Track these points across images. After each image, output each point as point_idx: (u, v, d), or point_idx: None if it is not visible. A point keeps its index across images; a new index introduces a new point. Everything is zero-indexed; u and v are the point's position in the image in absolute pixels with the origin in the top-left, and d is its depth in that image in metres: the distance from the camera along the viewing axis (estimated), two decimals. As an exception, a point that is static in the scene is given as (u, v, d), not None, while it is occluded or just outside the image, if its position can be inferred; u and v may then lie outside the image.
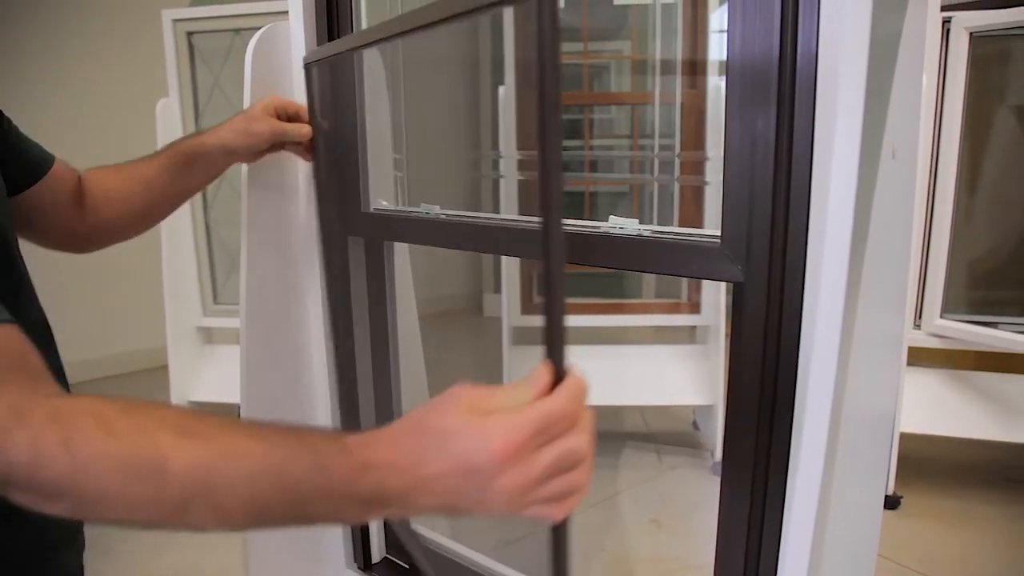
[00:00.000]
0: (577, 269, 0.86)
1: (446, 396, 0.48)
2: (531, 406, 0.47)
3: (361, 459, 0.47)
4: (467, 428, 0.46)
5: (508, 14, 2.55)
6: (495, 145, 2.79)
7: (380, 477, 0.46)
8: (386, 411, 1.18)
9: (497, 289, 3.55)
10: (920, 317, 2.40)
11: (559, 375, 0.49)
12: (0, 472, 0.44)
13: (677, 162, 2.62)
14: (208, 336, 2.96)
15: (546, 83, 0.42)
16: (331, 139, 1.09)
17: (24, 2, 3.32)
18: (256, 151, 0.99)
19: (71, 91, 3.43)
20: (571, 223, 0.88)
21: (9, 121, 0.79)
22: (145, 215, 0.96)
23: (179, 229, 2.81)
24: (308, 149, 1.03)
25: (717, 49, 2.57)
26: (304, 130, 1.00)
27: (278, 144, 1.00)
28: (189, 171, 0.96)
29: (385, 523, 1.22)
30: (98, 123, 3.41)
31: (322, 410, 1.16)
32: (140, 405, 0.47)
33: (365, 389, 1.18)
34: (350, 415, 1.16)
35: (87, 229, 0.91)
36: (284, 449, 0.47)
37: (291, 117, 1.01)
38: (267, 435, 0.48)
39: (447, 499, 0.46)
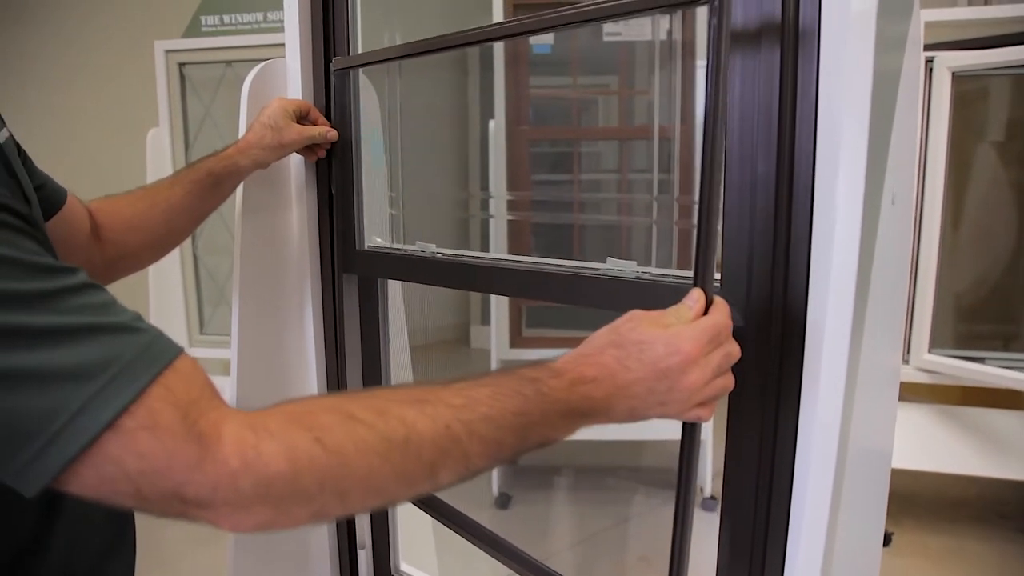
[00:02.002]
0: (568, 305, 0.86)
1: (628, 317, 0.58)
2: (705, 319, 0.57)
3: (570, 377, 0.54)
4: (659, 338, 0.55)
5: (499, 46, 2.58)
6: (484, 185, 2.80)
7: (588, 390, 0.54)
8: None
9: (484, 321, 3.54)
10: (908, 352, 2.41)
11: (708, 298, 0.60)
12: (258, 491, 0.45)
13: (676, 206, 2.63)
14: (194, 367, 2.92)
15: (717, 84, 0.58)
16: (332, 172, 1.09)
17: (16, 30, 3.32)
18: (276, 156, 0.99)
19: (62, 119, 3.42)
20: (568, 265, 0.87)
21: (24, 153, 0.78)
22: (168, 239, 0.96)
23: (166, 258, 2.79)
24: (313, 149, 1.04)
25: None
26: (331, 134, 1.01)
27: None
28: (218, 191, 0.97)
29: (374, 564, 1.20)
30: (88, 152, 3.40)
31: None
32: (361, 393, 0.52)
33: None
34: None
35: (106, 260, 0.88)
36: (507, 387, 0.53)
37: (304, 116, 1.01)
38: (486, 381, 0.53)
39: (639, 402, 0.55)
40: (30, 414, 0.43)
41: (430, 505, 1.08)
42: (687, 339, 0.55)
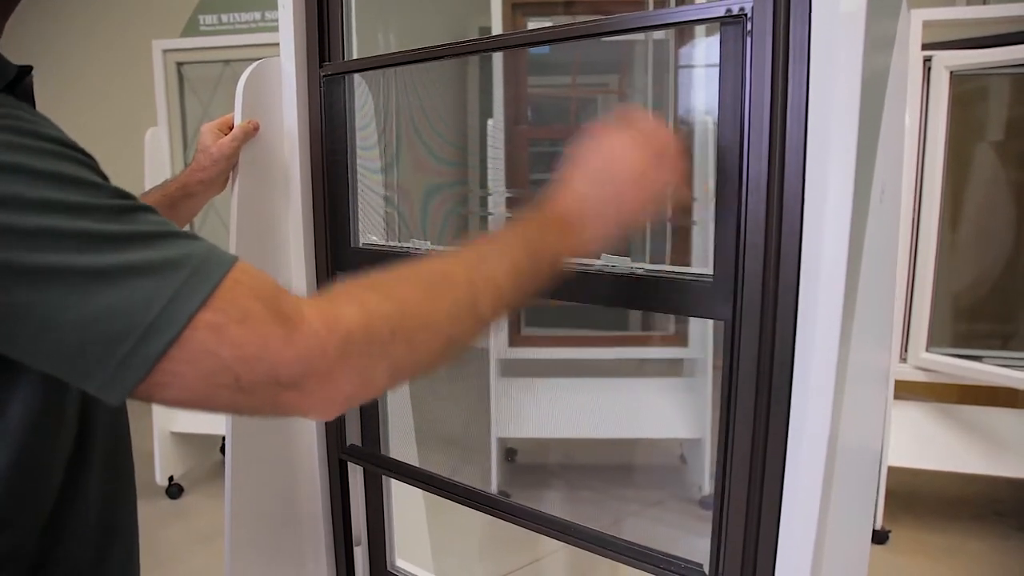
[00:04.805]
0: (563, 302, 0.87)
1: (585, 150, 0.68)
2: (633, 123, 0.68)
3: (566, 208, 0.65)
4: (606, 152, 0.67)
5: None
6: (483, 182, 2.80)
7: (581, 211, 0.65)
8: (373, 444, 1.17)
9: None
10: (906, 351, 2.41)
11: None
12: (342, 352, 0.51)
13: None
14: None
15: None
16: (324, 171, 1.09)
17: (14, 29, 3.32)
18: (226, 175, 1.05)
19: (60, 118, 3.39)
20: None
21: None
22: None
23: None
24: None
25: (703, 84, 2.61)
26: (250, 124, 1.04)
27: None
28: (174, 214, 1.01)
29: (370, 560, 1.20)
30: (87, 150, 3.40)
31: (308, 442, 1.15)
32: (405, 265, 0.58)
33: (352, 422, 1.17)
34: (338, 447, 1.15)
35: None
36: (517, 228, 0.64)
37: (230, 128, 1.05)
38: (499, 233, 0.65)
39: (616, 207, 0.66)
40: (118, 312, 0.46)
41: (431, 483, 1.08)
42: (620, 140, 0.67)
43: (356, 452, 1.16)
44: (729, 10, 0.68)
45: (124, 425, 0.73)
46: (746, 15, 0.67)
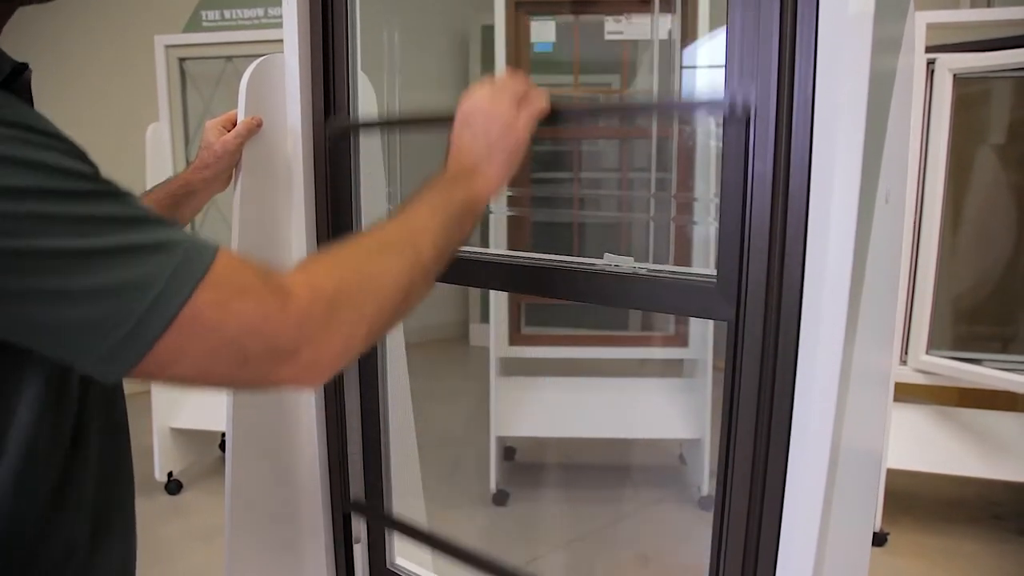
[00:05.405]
0: (565, 302, 0.87)
1: (460, 122, 0.78)
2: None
3: (461, 161, 0.75)
4: (473, 106, 0.77)
5: (500, 43, 2.58)
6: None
7: (473, 159, 0.75)
8: (373, 440, 1.17)
9: (484, 319, 3.54)
10: (906, 353, 2.41)
11: None
12: (326, 312, 0.55)
13: (673, 203, 2.63)
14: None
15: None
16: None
17: (15, 25, 3.31)
18: (228, 172, 1.05)
19: (62, 113, 3.40)
20: (565, 260, 0.88)
21: None
22: None
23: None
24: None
25: (707, 84, 2.61)
26: (253, 121, 1.04)
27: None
28: (177, 212, 1.02)
29: (370, 558, 1.20)
30: (88, 146, 3.37)
31: (308, 438, 1.15)
32: (351, 238, 0.65)
33: (352, 419, 1.17)
34: (338, 443, 1.15)
35: None
36: (431, 187, 0.72)
37: (234, 125, 1.06)
38: (417, 194, 0.71)
39: (491, 144, 0.75)
40: (120, 289, 0.48)
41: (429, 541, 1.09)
42: (477, 99, 0.77)
43: (360, 507, 1.17)
44: None
45: (123, 419, 0.73)
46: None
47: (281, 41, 1.07)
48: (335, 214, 1.09)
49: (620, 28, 2.65)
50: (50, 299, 0.47)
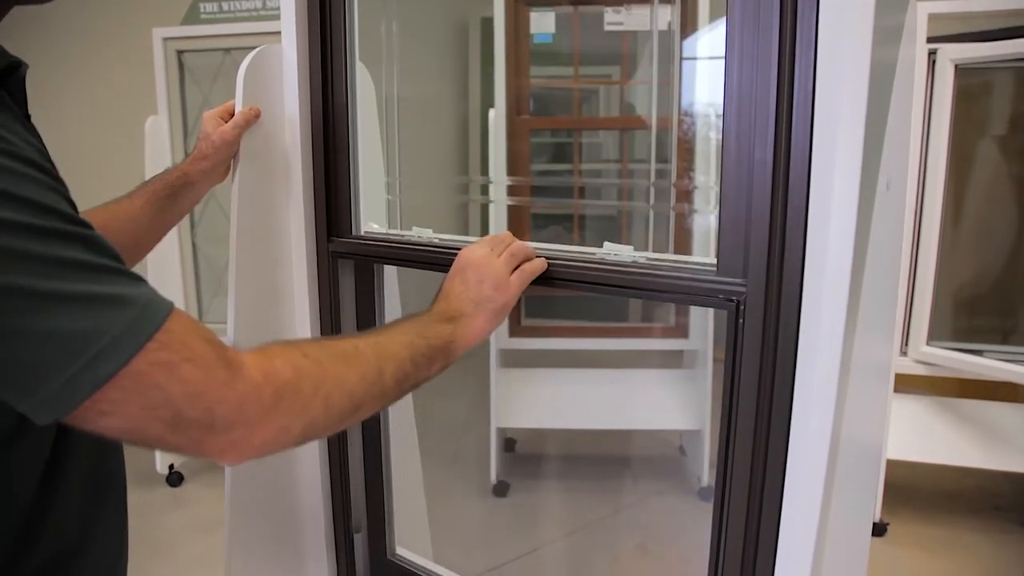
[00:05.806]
0: (565, 293, 0.87)
1: (454, 271, 0.83)
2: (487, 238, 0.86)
3: (448, 306, 0.80)
4: (466, 262, 0.82)
5: (500, 35, 2.57)
6: (484, 171, 2.79)
7: (460, 307, 0.80)
8: (373, 432, 1.17)
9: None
10: (907, 344, 2.41)
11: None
12: (274, 401, 0.56)
13: (673, 191, 2.62)
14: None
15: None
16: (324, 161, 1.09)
17: (13, 19, 3.30)
18: (227, 163, 1.04)
19: (60, 107, 3.41)
20: (565, 249, 0.87)
21: None
22: (132, 251, 0.96)
23: (165, 248, 2.79)
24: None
25: (708, 75, 2.59)
26: (251, 112, 1.03)
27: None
28: (175, 204, 1.01)
29: (370, 546, 1.21)
30: (86, 140, 3.39)
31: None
32: (323, 339, 0.70)
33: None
34: (337, 437, 1.15)
35: None
36: (412, 320, 0.77)
37: (231, 116, 1.04)
38: (397, 322, 0.77)
39: (475, 299, 0.80)
40: (73, 335, 0.48)
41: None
42: (475, 254, 0.82)
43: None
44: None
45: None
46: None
47: (280, 33, 1.06)
48: (334, 205, 1.09)
49: (620, 19, 2.64)
50: (5, 333, 0.47)
